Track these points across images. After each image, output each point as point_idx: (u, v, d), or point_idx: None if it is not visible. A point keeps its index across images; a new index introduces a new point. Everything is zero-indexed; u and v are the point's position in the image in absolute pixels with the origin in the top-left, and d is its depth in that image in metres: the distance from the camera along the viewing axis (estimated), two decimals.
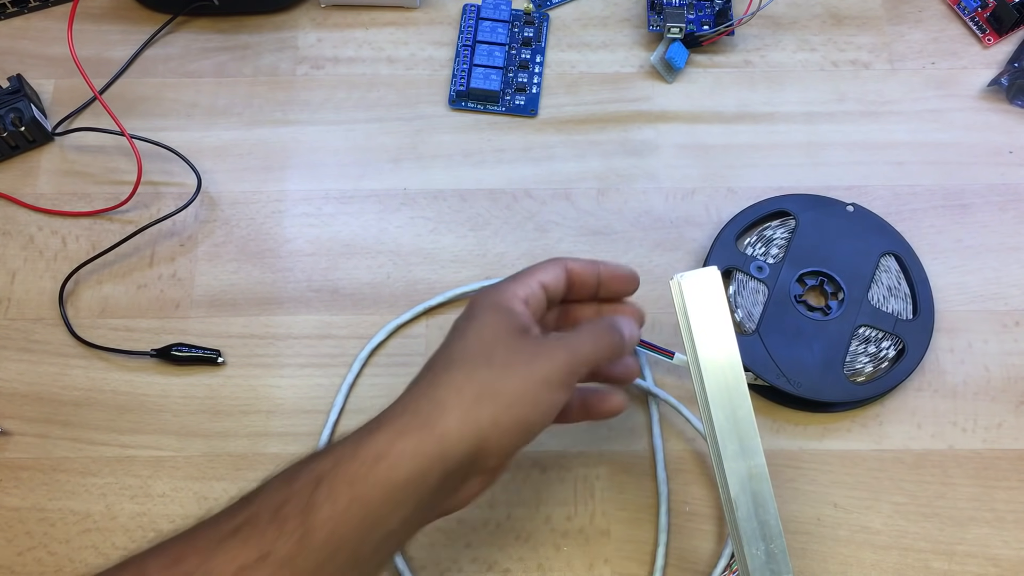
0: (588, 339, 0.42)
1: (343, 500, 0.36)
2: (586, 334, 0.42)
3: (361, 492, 0.36)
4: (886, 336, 0.55)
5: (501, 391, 0.39)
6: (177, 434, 0.54)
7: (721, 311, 0.46)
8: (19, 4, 0.65)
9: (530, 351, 0.41)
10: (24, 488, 0.53)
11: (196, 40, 0.65)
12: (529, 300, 0.43)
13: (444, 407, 0.38)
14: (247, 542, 0.35)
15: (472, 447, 0.38)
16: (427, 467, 0.37)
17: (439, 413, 0.38)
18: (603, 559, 0.51)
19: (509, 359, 0.40)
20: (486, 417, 0.38)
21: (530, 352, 0.41)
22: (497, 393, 0.39)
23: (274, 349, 0.56)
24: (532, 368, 0.40)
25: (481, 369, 0.40)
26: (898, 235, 0.57)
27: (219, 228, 0.59)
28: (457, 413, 0.38)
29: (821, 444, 0.54)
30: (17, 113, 0.59)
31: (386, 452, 0.37)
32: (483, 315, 0.42)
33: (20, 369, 0.55)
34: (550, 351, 0.41)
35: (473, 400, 0.39)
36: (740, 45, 0.65)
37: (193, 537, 0.36)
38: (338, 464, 0.37)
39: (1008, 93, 0.63)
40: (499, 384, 0.39)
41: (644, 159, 0.61)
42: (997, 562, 0.51)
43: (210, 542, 0.36)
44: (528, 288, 0.44)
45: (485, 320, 0.42)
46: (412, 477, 0.37)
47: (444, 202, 0.60)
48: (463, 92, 0.63)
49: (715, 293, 0.46)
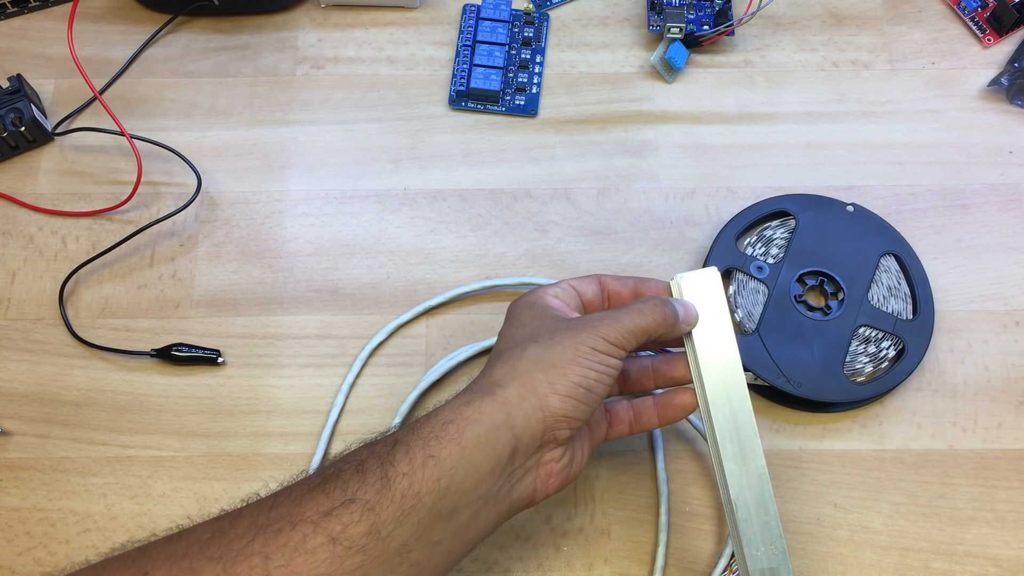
0: (634, 310, 0.44)
1: (419, 457, 0.39)
2: (632, 307, 0.44)
3: (434, 450, 0.39)
4: (886, 336, 0.55)
5: (552, 360, 0.42)
6: (177, 434, 0.54)
7: (721, 311, 0.46)
8: (19, 4, 0.65)
9: (572, 326, 0.43)
10: (24, 488, 0.53)
11: (196, 40, 0.65)
12: (560, 295, 0.46)
13: (502, 382, 0.41)
14: (332, 492, 0.38)
15: (534, 410, 0.40)
16: (494, 429, 0.40)
17: (498, 387, 0.41)
18: (603, 559, 0.51)
19: (554, 335, 0.43)
20: (543, 385, 0.41)
21: (573, 326, 0.43)
22: (549, 364, 0.41)
23: (274, 349, 0.56)
24: (578, 338, 0.42)
25: (530, 347, 0.42)
26: (898, 235, 0.57)
27: (219, 228, 0.59)
28: (515, 385, 0.41)
29: (821, 444, 0.54)
30: (17, 113, 0.59)
31: (453, 418, 0.40)
32: (519, 313, 0.45)
33: (20, 369, 0.55)
34: (594, 322, 0.43)
35: (527, 373, 0.41)
36: (740, 45, 0.65)
37: (284, 491, 0.39)
38: (413, 430, 0.40)
39: (1008, 93, 0.63)
40: (549, 354, 0.42)
41: (644, 159, 0.61)
42: (997, 562, 0.51)
43: (299, 493, 0.38)
44: (560, 288, 0.46)
45: (522, 315, 0.45)
46: (480, 438, 0.39)
47: (444, 202, 0.60)
48: (463, 92, 0.63)
49: (715, 293, 0.46)
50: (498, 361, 0.43)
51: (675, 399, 0.47)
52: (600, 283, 0.48)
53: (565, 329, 0.43)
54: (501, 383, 0.41)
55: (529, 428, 0.40)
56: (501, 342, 0.45)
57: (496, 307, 0.57)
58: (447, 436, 0.39)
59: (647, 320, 0.44)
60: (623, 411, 0.48)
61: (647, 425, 0.48)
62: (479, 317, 0.57)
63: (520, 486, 0.42)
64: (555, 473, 0.42)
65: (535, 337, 0.43)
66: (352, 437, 0.53)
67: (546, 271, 0.58)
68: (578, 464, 0.44)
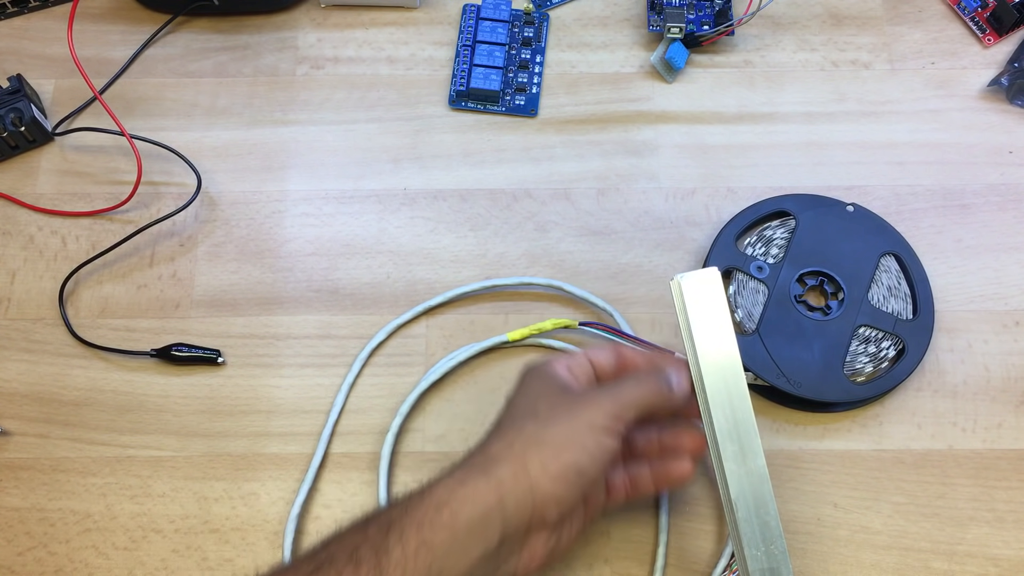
0: (631, 385, 0.44)
1: (412, 544, 0.39)
2: (630, 381, 0.45)
3: (428, 536, 0.39)
4: (886, 336, 0.55)
5: (547, 439, 0.42)
6: (177, 434, 0.54)
7: (721, 311, 0.46)
8: (19, 4, 0.65)
9: (572, 402, 0.43)
10: (24, 488, 0.53)
11: (196, 40, 0.65)
12: (572, 368, 0.46)
13: (497, 459, 0.41)
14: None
15: (526, 493, 0.40)
16: (486, 513, 0.40)
17: (493, 464, 0.41)
18: (603, 559, 0.51)
19: (552, 411, 0.43)
20: (535, 464, 0.41)
21: (572, 403, 0.43)
22: (543, 442, 0.42)
23: (274, 349, 0.56)
24: (574, 415, 0.42)
25: (528, 423, 0.43)
26: (898, 235, 0.57)
27: (219, 228, 0.59)
28: (509, 464, 0.41)
29: (821, 444, 0.54)
30: (17, 113, 0.59)
31: (448, 500, 0.40)
32: (528, 381, 0.46)
33: (20, 369, 0.55)
34: (593, 399, 0.43)
35: (522, 450, 0.41)
36: (740, 45, 0.65)
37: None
38: (407, 512, 0.40)
39: (1008, 93, 0.63)
40: (544, 433, 0.42)
41: (644, 159, 0.61)
42: (997, 562, 0.51)
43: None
44: (573, 359, 0.47)
45: (530, 385, 0.45)
46: (473, 522, 0.40)
47: (444, 202, 0.60)
48: (463, 92, 0.63)
49: (715, 293, 0.46)
50: (497, 434, 0.43)
51: (673, 470, 0.47)
52: (618, 354, 0.47)
53: (565, 405, 0.43)
54: (496, 460, 0.41)
55: (519, 513, 0.41)
56: (505, 411, 0.45)
57: (496, 307, 0.57)
58: (440, 521, 0.39)
59: (643, 393, 0.44)
60: (619, 480, 0.47)
61: (643, 492, 0.47)
62: (479, 317, 0.57)
63: (505, 567, 0.42)
64: (537, 556, 0.42)
65: (535, 412, 0.43)
66: (352, 437, 0.54)
67: (546, 271, 0.58)
68: (565, 543, 0.44)
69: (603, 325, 0.55)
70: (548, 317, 0.56)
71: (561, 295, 0.57)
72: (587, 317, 0.57)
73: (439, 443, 0.54)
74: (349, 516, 0.52)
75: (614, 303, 0.57)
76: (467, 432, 0.54)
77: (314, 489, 0.53)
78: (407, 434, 0.54)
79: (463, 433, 0.54)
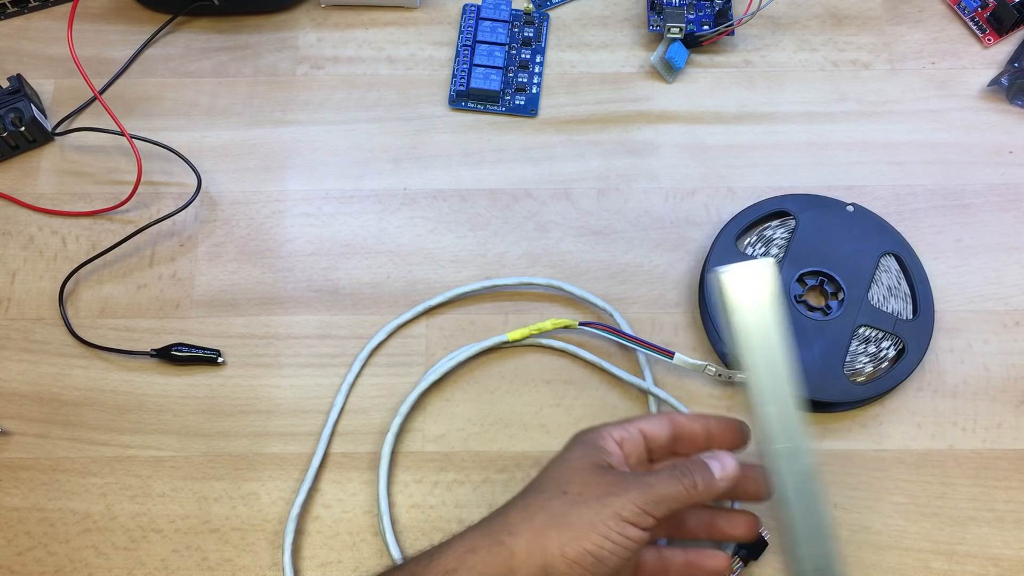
0: (667, 478, 0.42)
1: None
2: (667, 473, 0.42)
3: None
4: (886, 336, 0.55)
5: (571, 521, 0.40)
6: (177, 434, 0.54)
7: (770, 308, 0.43)
8: (19, 4, 0.65)
9: (606, 484, 0.41)
10: (24, 488, 0.53)
11: (196, 40, 0.65)
12: (624, 442, 0.44)
13: (514, 530, 0.40)
14: None
15: (538, 571, 0.39)
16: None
17: (509, 535, 0.40)
18: None
19: (584, 490, 0.41)
20: (553, 545, 0.39)
21: (605, 485, 0.41)
22: (566, 523, 0.40)
23: (274, 349, 0.56)
24: (604, 501, 0.40)
25: (555, 498, 0.41)
26: (898, 235, 0.57)
27: (219, 228, 0.59)
28: (526, 537, 0.40)
29: (821, 444, 0.54)
30: (17, 113, 0.59)
31: (456, 567, 0.39)
32: (573, 448, 0.44)
33: (20, 369, 0.55)
34: (625, 486, 0.41)
35: (542, 526, 0.40)
36: (740, 45, 0.65)
37: None
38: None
39: (1008, 93, 0.63)
40: (569, 514, 0.40)
41: (644, 159, 0.61)
42: (997, 562, 0.51)
43: None
44: (625, 431, 0.45)
45: (573, 453, 0.43)
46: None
47: (444, 202, 0.60)
48: (463, 92, 0.63)
49: (765, 289, 0.43)
50: (521, 503, 0.42)
51: (707, 563, 0.45)
52: (672, 423, 0.46)
53: (598, 487, 0.41)
54: (513, 531, 0.40)
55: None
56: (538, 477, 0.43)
57: (496, 307, 0.57)
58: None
59: (677, 490, 0.41)
60: (652, 563, 0.45)
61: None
62: (479, 317, 0.57)
63: None
64: None
65: (566, 488, 0.41)
66: (352, 437, 0.54)
67: (546, 271, 0.58)
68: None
69: (603, 325, 0.55)
70: (548, 317, 0.56)
71: (561, 295, 0.57)
72: (587, 317, 0.57)
73: (439, 443, 0.54)
74: (349, 516, 0.52)
75: (614, 303, 0.57)
76: (467, 432, 0.54)
77: (314, 489, 0.53)
78: (407, 434, 0.54)
79: (463, 433, 0.54)
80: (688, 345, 0.56)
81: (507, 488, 0.53)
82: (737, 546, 0.50)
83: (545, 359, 0.56)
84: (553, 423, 0.54)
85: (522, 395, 0.55)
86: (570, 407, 0.55)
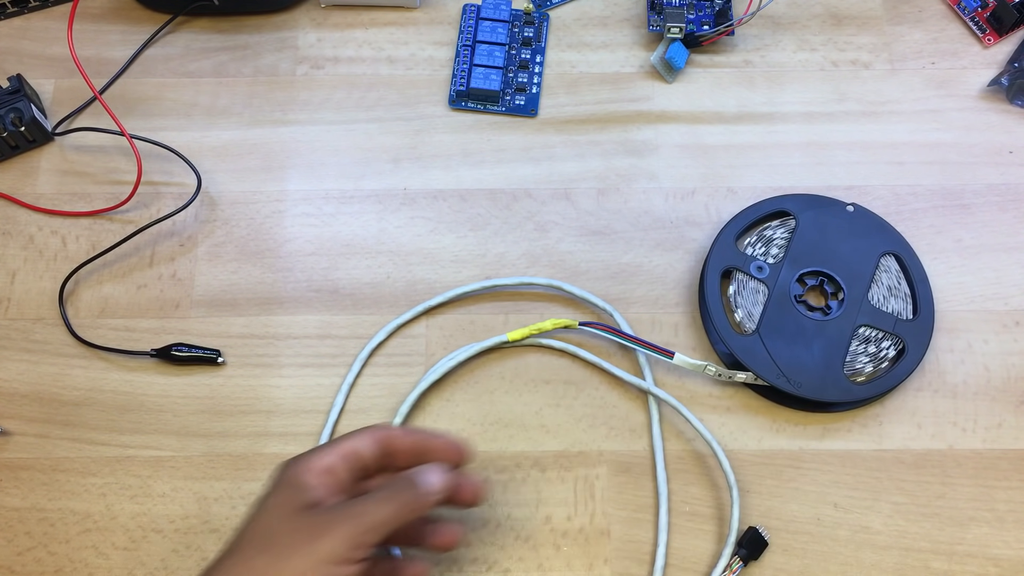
0: (376, 503, 0.40)
1: None
2: (375, 497, 0.41)
3: None
4: (886, 336, 0.55)
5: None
6: (177, 434, 0.54)
7: None
8: (19, 4, 0.65)
9: (312, 528, 0.39)
10: (24, 488, 0.53)
11: (196, 40, 0.65)
12: (330, 471, 0.42)
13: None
14: None
15: None
16: None
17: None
18: (603, 559, 0.51)
19: (290, 540, 0.39)
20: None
21: (312, 529, 0.39)
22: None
23: (274, 349, 0.56)
24: (312, 547, 0.39)
25: (259, 558, 0.39)
26: (898, 235, 0.57)
27: (219, 228, 0.59)
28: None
29: (821, 444, 0.54)
30: (17, 113, 0.59)
31: None
32: (274, 493, 0.42)
33: (20, 369, 0.55)
34: (333, 525, 0.39)
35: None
36: (740, 45, 0.65)
37: None
38: None
39: (1008, 93, 0.63)
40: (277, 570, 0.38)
41: (644, 159, 0.61)
42: (997, 562, 0.51)
43: None
44: (328, 457, 0.42)
45: (275, 498, 0.41)
46: None
47: (444, 202, 0.60)
48: (463, 92, 0.63)
49: None
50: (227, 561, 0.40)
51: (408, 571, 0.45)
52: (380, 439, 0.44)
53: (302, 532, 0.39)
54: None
55: None
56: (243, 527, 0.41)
57: (496, 307, 0.57)
58: None
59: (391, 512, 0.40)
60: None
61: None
62: (479, 317, 0.57)
63: None
64: None
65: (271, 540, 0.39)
66: None
67: (546, 271, 0.58)
68: None
69: (603, 325, 0.55)
70: (548, 317, 0.56)
71: (561, 295, 0.57)
72: (587, 317, 0.57)
73: None
74: None
75: (614, 303, 0.57)
76: (467, 432, 0.54)
77: None
78: None
79: (463, 433, 0.54)
80: (688, 345, 0.56)
81: (506, 488, 0.53)
82: (737, 546, 0.50)
83: (545, 359, 0.56)
84: (553, 423, 0.54)
85: (522, 395, 0.55)
86: (570, 407, 0.55)
